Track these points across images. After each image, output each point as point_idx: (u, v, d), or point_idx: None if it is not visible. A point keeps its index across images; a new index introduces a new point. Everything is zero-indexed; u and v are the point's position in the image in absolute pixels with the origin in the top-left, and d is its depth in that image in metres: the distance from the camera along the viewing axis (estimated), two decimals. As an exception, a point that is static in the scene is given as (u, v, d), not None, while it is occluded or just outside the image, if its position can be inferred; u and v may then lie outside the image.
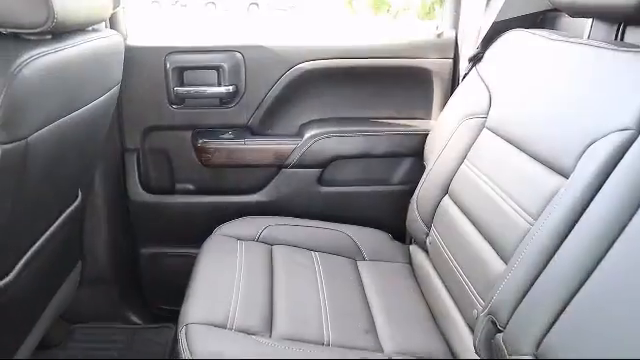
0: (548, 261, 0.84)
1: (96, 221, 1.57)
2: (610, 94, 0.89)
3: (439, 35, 1.56)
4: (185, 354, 0.95)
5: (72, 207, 1.30)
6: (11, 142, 0.79)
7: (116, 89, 1.29)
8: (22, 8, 0.82)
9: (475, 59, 1.42)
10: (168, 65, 1.51)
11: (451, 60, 1.55)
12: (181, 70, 1.53)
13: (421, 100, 1.60)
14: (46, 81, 0.87)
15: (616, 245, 0.73)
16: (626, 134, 0.81)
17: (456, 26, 1.54)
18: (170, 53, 1.50)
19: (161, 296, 1.72)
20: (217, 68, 1.54)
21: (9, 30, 0.84)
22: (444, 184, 1.33)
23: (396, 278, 1.37)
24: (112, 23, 1.45)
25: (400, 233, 1.53)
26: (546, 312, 0.79)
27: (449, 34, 1.55)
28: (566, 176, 0.91)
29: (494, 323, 0.92)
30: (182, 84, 1.54)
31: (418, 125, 1.58)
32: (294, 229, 1.46)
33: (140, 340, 1.68)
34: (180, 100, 1.55)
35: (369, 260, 1.42)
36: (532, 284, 0.85)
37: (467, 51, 1.45)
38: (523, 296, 0.86)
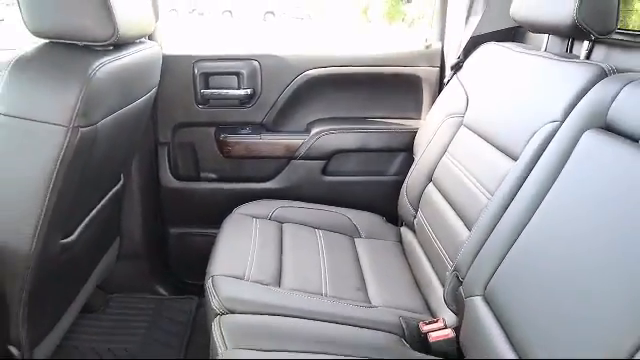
0: (496, 225, 1.08)
1: (132, 204, 1.82)
2: (549, 94, 1.13)
3: (427, 47, 1.80)
4: (212, 298, 1.19)
5: (116, 188, 1.56)
6: (87, 126, 1.06)
7: (154, 91, 1.55)
8: (94, 26, 1.07)
9: (456, 67, 1.67)
10: (196, 71, 1.77)
11: (438, 68, 1.80)
12: (207, 75, 1.79)
13: (411, 102, 1.84)
14: (109, 82, 1.13)
15: (539, 210, 0.96)
16: (555, 125, 1.05)
17: (442, 39, 1.78)
18: (198, 61, 1.77)
19: (186, 271, 1.97)
20: (237, 74, 1.80)
21: (84, 43, 1.10)
22: (429, 173, 1.57)
23: (387, 253, 1.60)
24: (150, 35, 1.71)
25: (392, 216, 1.77)
26: (491, 264, 1.03)
27: (436, 46, 1.80)
28: (515, 160, 1.14)
29: (457, 277, 1.16)
30: (207, 87, 1.80)
31: (409, 124, 1.82)
32: (301, 211, 1.70)
33: (166, 309, 1.91)
34: (205, 101, 1.81)
35: (365, 238, 1.66)
36: (483, 244, 1.09)
37: (450, 61, 1.70)
38: (477, 254, 1.10)
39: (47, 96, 1.02)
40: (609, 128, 0.90)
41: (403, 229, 1.72)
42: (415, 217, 1.61)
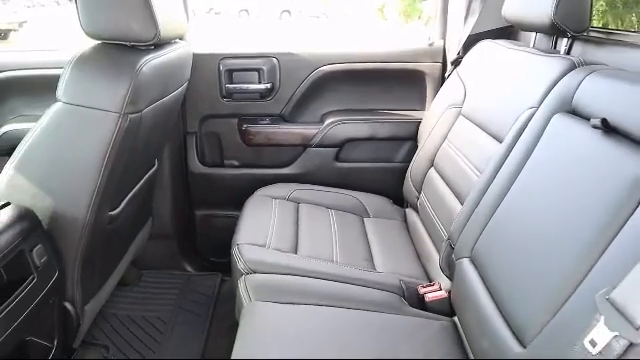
0: (482, 198, 1.25)
1: (163, 188, 2.02)
2: (529, 84, 1.29)
3: (431, 44, 1.97)
4: (238, 261, 1.38)
5: (151, 172, 1.76)
6: (134, 113, 1.25)
7: (185, 85, 1.74)
8: (140, 29, 1.27)
9: (456, 63, 1.84)
10: (221, 67, 1.96)
11: (440, 64, 1.96)
12: (231, 71, 1.98)
13: (416, 95, 2.02)
14: (152, 76, 1.33)
15: (515, 183, 1.13)
16: (532, 110, 1.21)
17: (444, 37, 1.95)
18: (223, 58, 1.96)
19: (210, 250, 2.17)
20: (258, 70, 1.99)
21: (131, 43, 1.30)
22: (431, 159, 1.75)
23: (393, 230, 1.77)
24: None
25: (399, 199, 1.94)
26: (477, 230, 1.20)
27: (438, 43, 1.97)
28: (501, 142, 1.31)
29: (450, 245, 1.33)
30: (231, 82, 1.99)
31: (413, 115, 1.99)
32: (316, 193, 1.88)
33: (193, 284, 2.11)
34: (229, 94, 2.00)
35: (373, 217, 1.83)
36: (472, 215, 1.26)
37: (451, 57, 1.87)
38: (466, 223, 1.27)
39: (102, 87, 1.22)
40: (574, 112, 1.07)
41: (408, 210, 1.89)
42: (418, 198, 1.78)
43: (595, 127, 0.94)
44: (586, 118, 1.01)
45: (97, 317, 1.76)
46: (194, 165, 2.05)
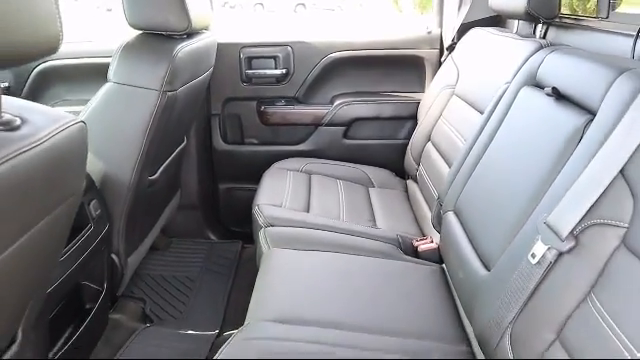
0: (465, 160, 1.46)
1: (190, 163, 2.26)
2: (506, 64, 1.50)
3: (429, 32, 2.19)
4: (258, 217, 1.62)
5: (180, 147, 2.01)
6: (171, 91, 1.50)
7: (210, 71, 1.98)
8: (175, 21, 1.50)
9: (450, 49, 2.05)
10: (241, 55, 2.20)
11: (437, 50, 2.18)
12: (250, 59, 2.22)
13: (416, 78, 2.23)
14: (185, 61, 1.57)
15: (490, 146, 1.35)
16: (507, 85, 1.42)
17: (441, 26, 2.16)
18: (243, 47, 2.19)
19: (232, 220, 2.41)
20: (274, 57, 2.22)
21: (167, 33, 1.54)
22: (428, 134, 1.96)
23: (394, 199, 2.00)
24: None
25: (401, 172, 2.16)
26: (460, 187, 1.42)
27: (436, 32, 2.18)
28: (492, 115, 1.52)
29: (440, 203, 1.56)
30: (250, 68, 2.22)
31: (414, 96, 2.21)
32: (326, 166, 2.11)
33: (216, 251, 2.34)
34: (249, 79, 2.24)
35: (377, 187, 2.06)
36: (456, 175, 1.48)
37: (446, 43, 2.08)
38: (452, 182, 1.49)
39: (145, 70, 1.46)
40: (537, 85, 1.28)
41: (409, 182, 2.11)
42: (417, 170, 2.00)
43: (548, 95, 1.15)
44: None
45: (134, 276, 2.02)
46: (217, 143, 2.29)
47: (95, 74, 1.85)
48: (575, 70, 1.14)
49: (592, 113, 1.01)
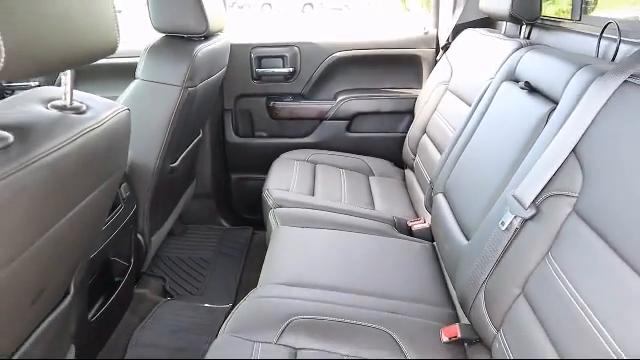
0: (453, 147, 1.63)
1: (205, 154, 2.44)
2: (492, 61, 1.67)
3: (426, 33, 2.36)
4: (268, 199, 1.81)
5: (197, 138, 2.19)
6: (191, 87, 1.68)
7: (224, 70, 2.16)
8: (195, 25, 1.69)
9: (445, 48, 2.22)
10: (252, 55, 2.38)
11: (433, 49, 2.35)
12: (260, 58, 2.40)
13: (413, 76, 2.40)
14: (204, 60, 1.75)
15: (474, 134, 1.52)
16: (491, 80, 1.59)
17: (437, 27, 2.33)
18: (253, 48, 2.38)
19: (243, 207, 2.59)
20: (282, 57, 2.40)
21: (188, 35, 1.72)
22: (423, 127, 2.13)
23: (393, 186, 2.17)
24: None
25: (399, 162, 2.34)
26: (448, 171, 1.59)
27: (432, 32, 2.35)
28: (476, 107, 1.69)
29: (431, 187, 1.73)
30: (260, 67, 2.40)
31: (411, 92, 2.38)
32: (330, 156, 2.29)
33: (229, 236, 2.52)
34: (259, 77, 2.42)
35: (377, 176, 2.23)
36: (445, 161, 1.65)
37: (442, 43, 2.25)
38: (442, 167, 1.66)
39: (169, 68, 1.65)
40: (515, 79, 1.45)
41: (407, 171, 2.28)
42: (414, 160, 2.17)
43: (522, 88, 1.33)
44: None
45: (154, 258, 2.21)
46: (230, 136, 2.47)
47: (118, 73, 2.04)
48: (544, 66, 1.31)
49: (555, 102, 1.18)
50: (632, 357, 0.74)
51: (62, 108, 0.84)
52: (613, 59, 1.29)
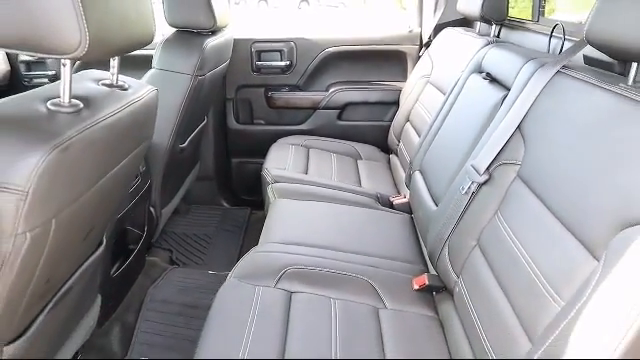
0: (429, 130, 1.87)
1: (208, 139, 2.66)
2: (465, 56, 1.90)
3: (410, 31, 2.60)
4: (267, 176, 2.04)
5: (202, 124, 2.42)
6: (200, 76, 1.91)
7: (227, 62, 2.39)
8: (204, 20, 1.91)
9: (427, 45, 2.46)
10: (252, 49, 2.61)
11: (417, 46, 2.59)
12: (259, 52, 2.62)
13: (399, 70, 2.64)
14: (212, 52, 1.98)
15: (446, 119, 1.76)
16: (462, 73, 1.83)
17: (420, 26, 2.57)
18: (254, 42, 2.60)
19: (243, 189, 2.82)
20: (280, 51, 2.63)
21: (197, 30, 1.95)
22: (407, 116, 2.37)
23: (378, 169, 2.41)
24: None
25: (385, 148, 2.57)
26: (424, 151, 1.83)
27: (416, 30, 2.59)
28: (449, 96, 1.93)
29: (411, 166, 1.96)
30: (260, 60, 2.63)
31: (396, 85, 2.62)
32: (322, 142, 2.52)
33: (229, 215, 2.74)
34: (258, 69, 2.64)
35: (364, 160, 2.47)
36: (422, 143, 1.89)
37: (424, 40, 2.49)
38: (419, 148, 1.90)
39: (181, 58, 1.87)
40: (481, 71, 1.69)
41: (391, 156, 2.52)
42: (398, 146, 2.41)
43: (484, 78, 1.57)
44: (487, 74, 1.64)
45: (162, 233, 2.43)
46: (231, 123, 2.70)
47: (129, 64, 2.25)
48: (502, 60, 1.55)
49: (508, 89, 1.42)
50: (554, 284, 0.95)
51: (110, 86, 1.07)
52: (560, 54, 1.53)
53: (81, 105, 0.91)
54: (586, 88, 1.11)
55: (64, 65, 0.87)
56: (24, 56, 2.58)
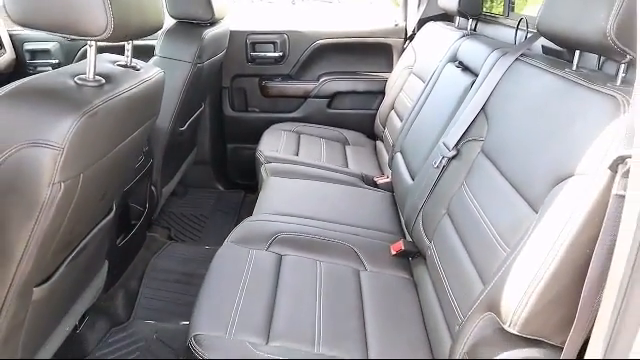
0: (409, 115, 2.04)
1: (205, 125, 2.82)
2: (442, 47, 2.07)
3: (396, 25, 2.77)
4: (260, 156, 2.20)
5: (200, 110, 2.57)
6: (200, 63, 2.06)
7: (224, 52, 2.54)
8: (202, 12, 2.07)
9: (411, 38, 2.62)
10: (248, 41, 2.76)
11: (402, 39, 2.75)
12: (254, 43, 2.78)
13: (385, 61, 2.81)
14: (210, 42, 2.13)
15: (424, 104, 1.93)
16: (440, 62, 1.99)
17: (406, 20, 2.74)
18: (249, 34, 2.76)
19: (237, 174, 2.97)
20: (273, 43, 2.78)
21: (196, 21, 2.11)
22: (392, 104, 2.54)
23: (365, 153, 2.57)
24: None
25: (372, 135, 2.74)
26: (405, 134, 2.00)
27: (402, 24, 2.76)
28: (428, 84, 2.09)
29: (393, 148, 2.13)
30: (254, 51, 2.78)
31: (383, 75, 2.78)
32: (312, 129, 2.68)
33: (224, 197, 2.90)
34: (253, 60, 2.80)
35: (352, 145, 2.64)
36: (403, 127, 2.06)
37: (409, 34, 2.66)
38: (401, 132, 2.07)
39: (181, 47, 2.03)
40: (455, 61, 1.86)
41: (377, 142, 2.69)
42: (383, 132, 2.58)
43: (457, 66, 1.74)
44: (460, 63, 1.81)
45: (160, 213, 2.59)
46: (227, 110, 2.86)
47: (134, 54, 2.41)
48: (473, 49, 1.73)
49: (476, 75, 1.59)
50: (504, 236, 1.11)
51: (125, 66, 1.23)
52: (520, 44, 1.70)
53: (103, 80, 1.07)
54: (539, 73, 1.27)
55: (90, 46, 1.03)
56: (29, 45, 2.72)
